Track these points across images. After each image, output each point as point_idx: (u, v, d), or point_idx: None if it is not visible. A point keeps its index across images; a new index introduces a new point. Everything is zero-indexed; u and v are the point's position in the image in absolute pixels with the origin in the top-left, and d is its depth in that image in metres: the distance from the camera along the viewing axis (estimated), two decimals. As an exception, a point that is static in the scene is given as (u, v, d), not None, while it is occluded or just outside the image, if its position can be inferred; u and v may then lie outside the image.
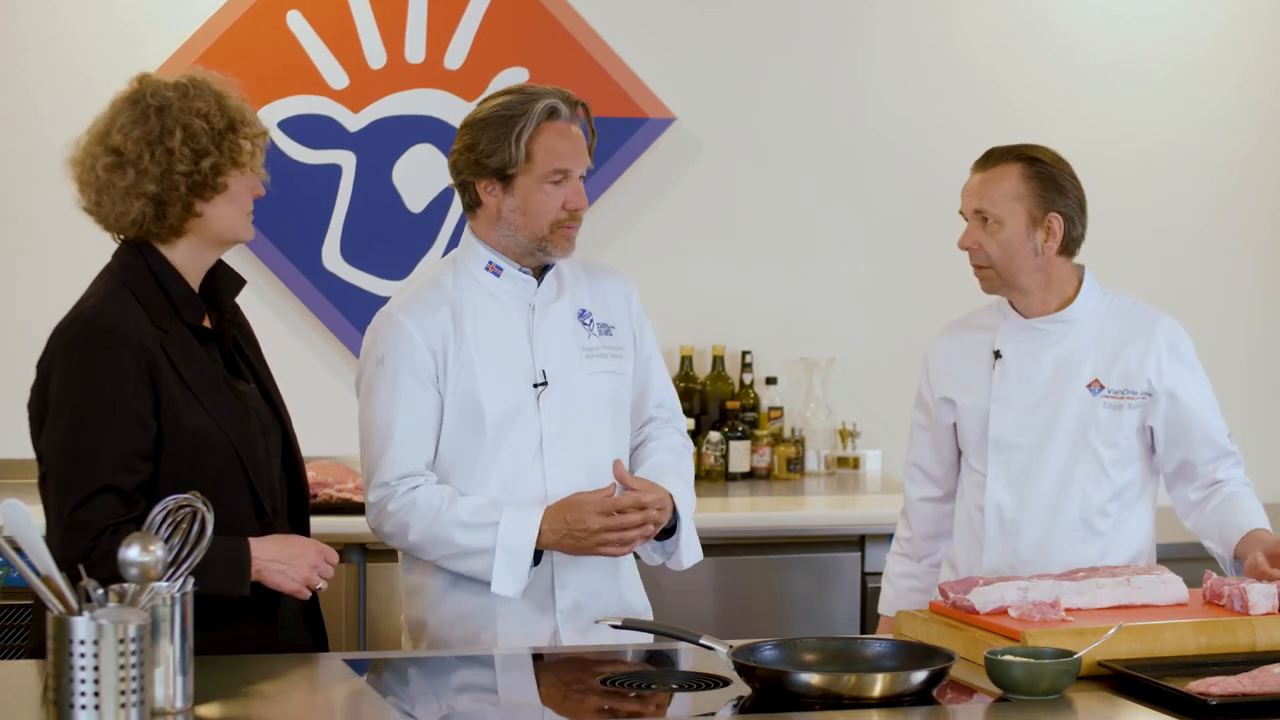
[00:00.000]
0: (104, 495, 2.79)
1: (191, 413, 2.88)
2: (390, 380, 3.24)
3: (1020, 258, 3.38)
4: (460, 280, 3.30)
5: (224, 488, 2.87)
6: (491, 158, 3.23)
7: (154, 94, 2.92)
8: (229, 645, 2.87)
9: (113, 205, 2.91)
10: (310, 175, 5.02)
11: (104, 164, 2.90)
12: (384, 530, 3.26)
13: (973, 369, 3.50)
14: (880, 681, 2.58)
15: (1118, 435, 3.39)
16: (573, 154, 3.24)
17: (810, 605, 4.53)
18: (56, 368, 2.87)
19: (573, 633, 3.27)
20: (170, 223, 2.92)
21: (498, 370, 3.25)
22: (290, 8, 4.99)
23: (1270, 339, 5.52)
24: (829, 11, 5.29)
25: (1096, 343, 3.43)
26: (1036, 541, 3.40)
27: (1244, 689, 2.54)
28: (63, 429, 2.84)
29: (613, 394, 3.33)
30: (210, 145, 2.91)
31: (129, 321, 2.87)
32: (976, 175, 3.44)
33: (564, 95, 3.27)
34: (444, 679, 2.95)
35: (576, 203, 3.25)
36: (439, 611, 3.29)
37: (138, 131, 2.89)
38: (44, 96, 4.91)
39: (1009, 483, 3.43)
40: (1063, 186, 3.39)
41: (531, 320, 3.30)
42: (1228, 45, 5.47)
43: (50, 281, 4.84)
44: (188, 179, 2.90)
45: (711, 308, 5.24)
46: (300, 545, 2.95)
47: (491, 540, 3.17)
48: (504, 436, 3.24)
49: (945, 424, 3.54)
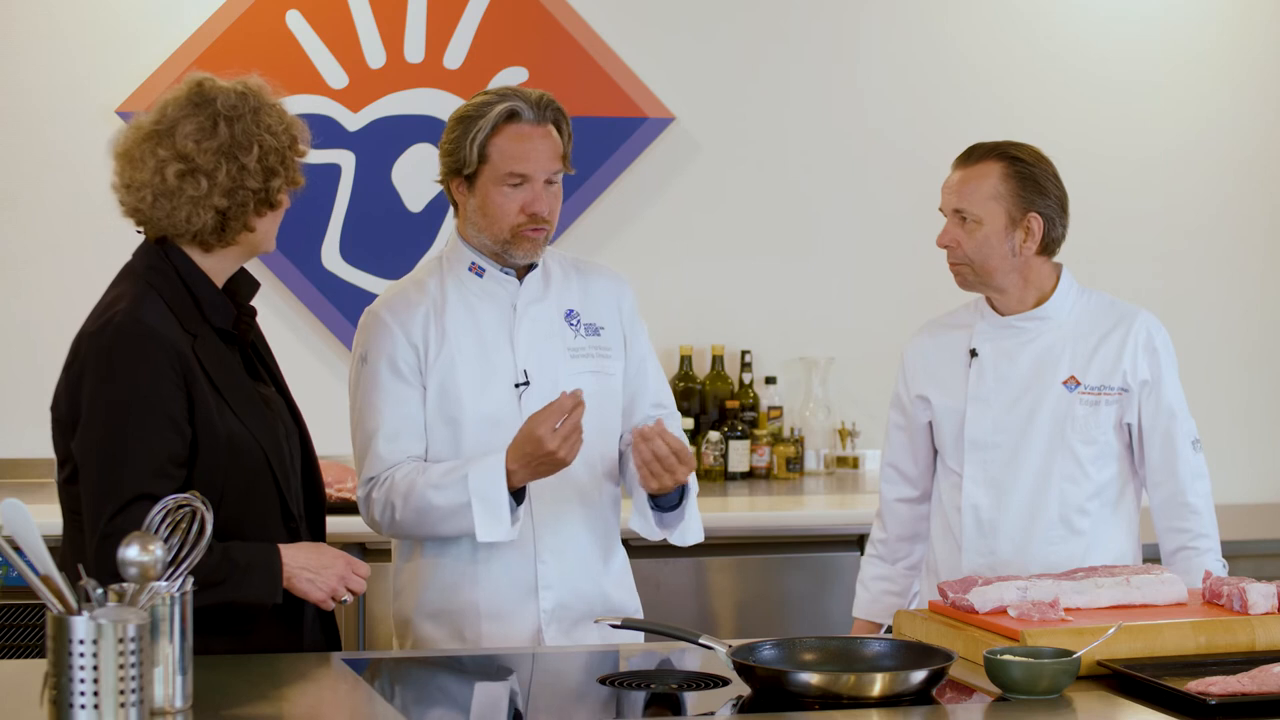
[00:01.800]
0: (140, 503, 2.73)
1: (224, 418, 2.86)
2: (373, 377, 3.25)
3: (997, 257, 3.37)
4: (445, 280, 3.30)
5: (254, 493, 2.86)
6: (452, 156, 3.24)
7: (222, 100, 2.88)
8: (253, 650, 2.87)
9: (175, 211, 2.86)
10: (309, 175, 4.94)
11: (175, 170, 2.84)
12: (375, 519, 3.27)
13: (949, 367, 3.49)
14: (879, 681, 2.58)
15: (1095, 432, 3.38)
16: (531, 157, 3.21)
17: (809, 605, 4.53)
18: (90, 371, 2.82)
19: (556, 633, 3.27)
20: (228, 235, 2.89)
21: (479, 370, 3.26)
22: (289, 7, 4.99)
23: (1269, 338, 5.52)
24: (828, 11, 5.30)
25: (1074, 339, 3.41)
26: (1015, 542, 3.38)
27: (1243, 688, 2.54)
28: (98, 434, 2.80)
29: (599, 395, 3.32)
30: (278, 165, 2.90)
31: (161, 325, 2.83)
32: (957, 172, 3.42)
33: (534, 98, 3.23)
34: (443, 678, 2.95)
35: (535, 207, 3.21)
36: (423, 609, 3.30)
37: (211, 142, 2.85)
38: (43, 96, 4.91)
39: (986, 482, 3.42)
40: (1043, 187, 3.37)
41: (513, 320, 3.30)
42: (1227, 45, 5.47)
43: (49, 282, 4.85)
44: (255, 195, 2.88)
45: (711, 307, 5.25)
46: (330, 555, 2.93)
47: (464, 494, 3.16)
48: (485, 437, 3.24)
49: (921, 423, 3.53)
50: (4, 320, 4.86)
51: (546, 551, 3.28)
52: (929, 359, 3.54)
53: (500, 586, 3.27)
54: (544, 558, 3.27)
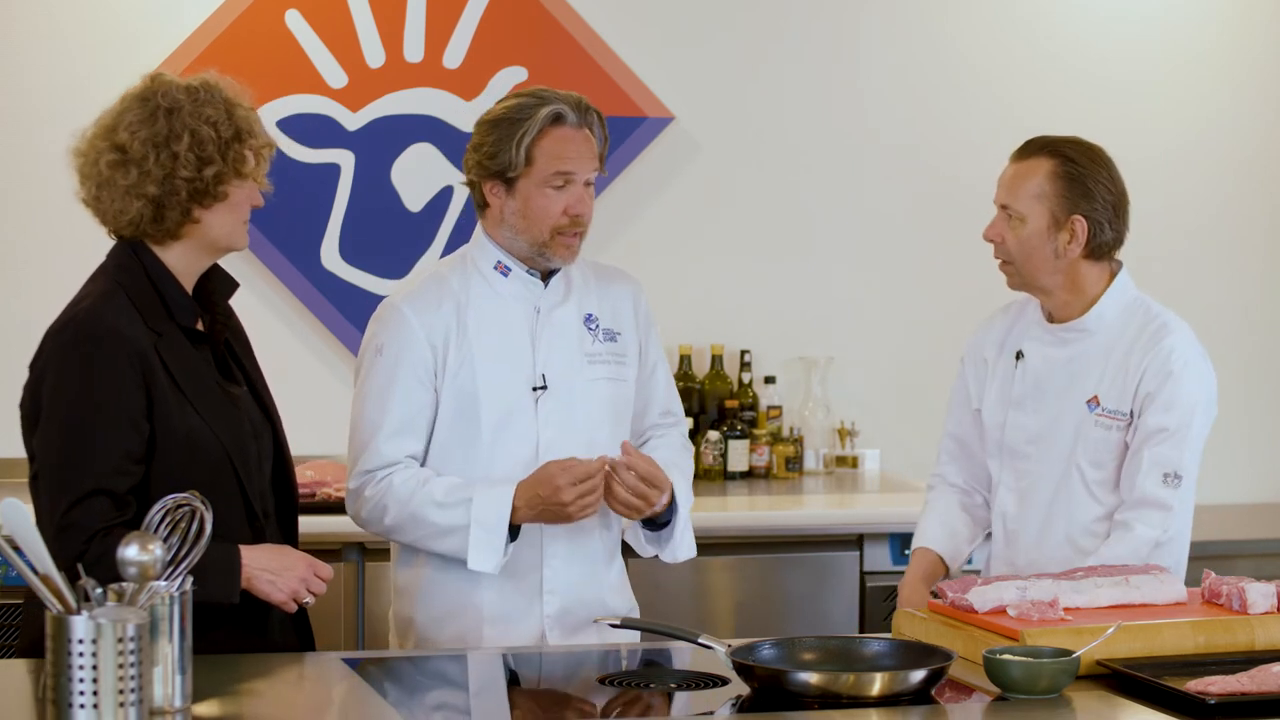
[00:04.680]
0: (97, 497, 2.79)
1: (184, 415, 2.88)
2: (387, 371, 3.23)
3: (1039, 258, 3.27)
4: (468, 277, 3.29)
5: (215, 491, 2.85)
6: (494, 159, 3.23)
7: (165, 94, 2.91)
8: (214, 651, 2.85)
9: (112, 202, 2.91)
10: (309, 174, 5.01)
11: (108, 160, 2.89)
12: (361, 515, 3.26)
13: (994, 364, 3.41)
14: (879, 680, 2.58)
15: (1104, 456, 3.27)
16: (576, 158, 3.22)
17: (809, 604, 4.52)
18: (50, 369, 2.86)
19: (558, 637, 3.27)
20: (167, 226, 2.91)
21: (498, 370, 3.25)
22: (289, 7, 4.99)
23: (1269, 338, 5.52)
24: (828, 11, 5.29)
25: (1105, 353, 3.30)
26: (1030, 556, 3.33)
27: (1242, 688, 2.54)
28: (56, 430, 2.84)
29: (614, 401, 3.33)
30: (215, 154, 2.90)
31: (123, 323, 2.86)
32: (1010, 166, 3.32)
33: (574, 101, 3.25)
34: (442, 678, 2.95)
35: (579, 208, 3.22)
36: (427, 610, 3.29)
37: (145, 131, 2.88)
38: (43, 96, 4.91)
39: (1017, 491, 3.37)
40: (1090, 190, 3.25)
41: (536, 323, 3.29)
42: (1227, 45, 5.47)
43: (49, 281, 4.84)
44: (189, 185, 2.89)
45: (710, 307, 5.24)
46: (292, 557, 2.94)
47: (465, 518, 3.16)
48: (499, 439, 3.24)
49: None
50: (4, 320, 4.86)
51: (554, 556, 3.27)
52: (982, 351, 3.45)
53: (505, 590, 3.26)
54: (551, 563, 3.27)
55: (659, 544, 3.33)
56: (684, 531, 3.32)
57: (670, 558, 3.34)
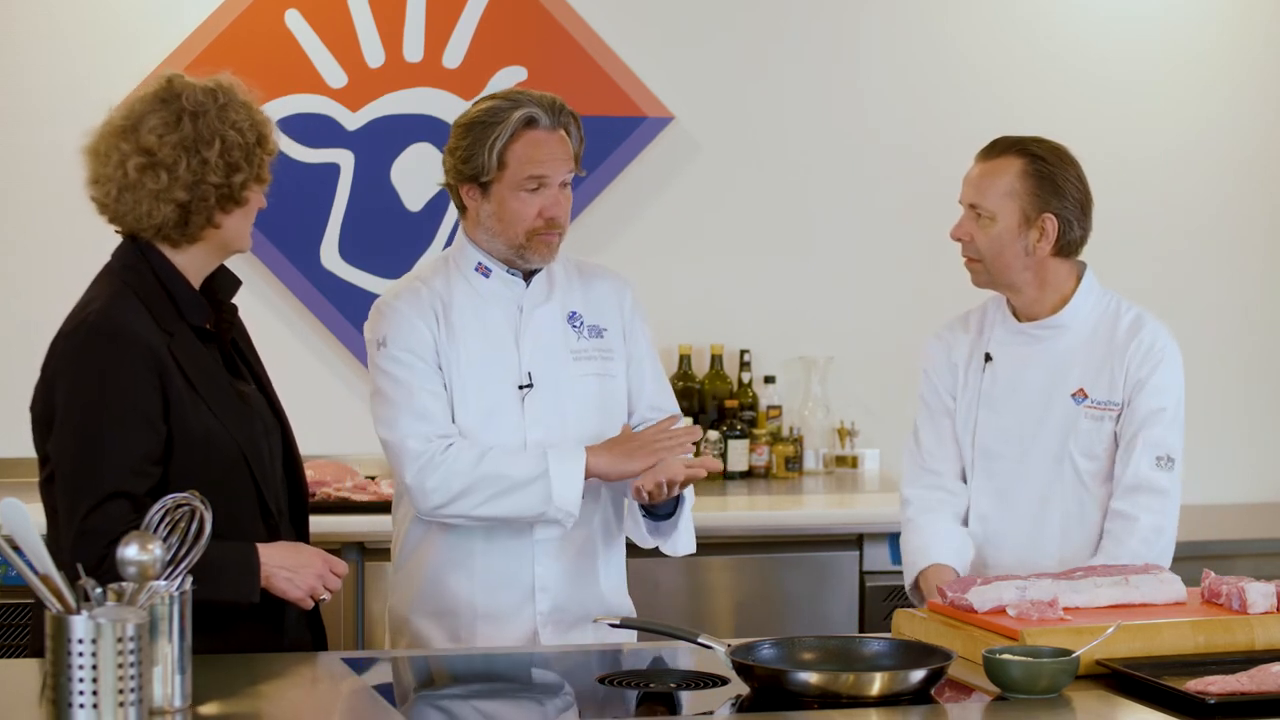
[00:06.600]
0: (116, 501, 2.77)
1: (199, 416, 2.87)
2: (396, 356, 3.23)
3: (1009, 255, 3.32)
4: (451, 279, 3.30)
5: (231, 490, 2.86)
6: (468, 163, 3.24)
7: (188, 97, 2.89)
8: (234, 649, 2.86)
9: (136, 205, 2.88)
10: (308, 174, 5.02)
11: (136, 163, 2.86)
12: (428, 485, 3.18)
13: (963, 372, 3.44)
14: (878, 680, 2.58)
15: (1098, 447, 3.32)
16: (549, 161, 3.22)
17: (808, 604, 4.53)
18: (63, 372, 2.83)
19: (552, 635, 3.27)
20: (190, 230, 2.90)
21: (482, 370, 3.26)
22: (289, 6, 4.99)
23: (1269, 338, 5.52)
24: (828, 11, 5.29)
25: (1086, 348, 3.35)
26: (1018, 555, 3.34)
27: (1242, 688, 2.54)
28: (72, 434, 2.81)
29: (602, 397, 3.33)
30: (242, 160, 2.89)
31: (136, 324, 2.85)
32: (977, 165, 3.38)
33: (548, 103, 3.24)
34: (443, 678, 2.95)
35: (553, 211, 3.23)
36: (422, 608, 3.30)
37: (173, 136, 2.86)
38: (43, 96, 4.91)
39: (993, 492, 3.39)
40: (1061, 188, 3.31)
41: (519, 322, 3.30)
42: (1227, 45, 5.47)
43: (49, 281, 4.84)
44: (217, 190, 2.88)
45: (710, 306, 5.24)
46: (309, 554, 2.94)
47: (543, 465, 3.17)
48: (484, 436, 3.23)
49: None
50: (4, 320, 4.87)
51: (545, 554, 3.28)
52: (950, 357, 3.47)
53: (497, 587, 3.27)
54: (542, 560, 3.27)
55: (661, 535, 3.33)
56: (686, 525, 3.33)
57: (671, 550, 3.33)
